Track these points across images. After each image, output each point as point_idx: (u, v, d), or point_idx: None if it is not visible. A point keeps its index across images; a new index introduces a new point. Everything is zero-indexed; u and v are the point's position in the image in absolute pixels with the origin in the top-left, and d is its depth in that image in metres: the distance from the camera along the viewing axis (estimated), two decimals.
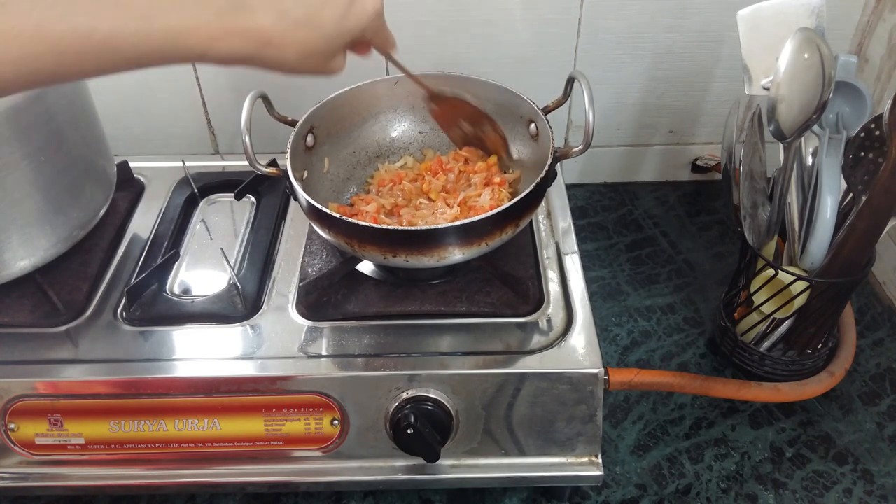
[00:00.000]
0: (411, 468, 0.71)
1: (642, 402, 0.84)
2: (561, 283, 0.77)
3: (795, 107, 0.69)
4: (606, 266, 1.02)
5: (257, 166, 0.70)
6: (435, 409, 0.67)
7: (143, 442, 0.69)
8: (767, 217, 0.79)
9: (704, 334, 0.92)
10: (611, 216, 1.11)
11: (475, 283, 0.76)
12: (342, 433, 0.69)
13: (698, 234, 1.08)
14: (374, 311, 0.74)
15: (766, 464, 0.78)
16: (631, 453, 0.80)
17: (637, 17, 0.99)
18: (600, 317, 0.94)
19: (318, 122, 0.81)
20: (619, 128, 1.11)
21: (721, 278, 1.00)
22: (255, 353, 0.70)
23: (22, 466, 0.71)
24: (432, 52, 1.01)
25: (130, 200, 0.90)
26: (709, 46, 1.02)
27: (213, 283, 0.78)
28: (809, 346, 0.82)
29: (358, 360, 0.69)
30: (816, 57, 0.67)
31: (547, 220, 0.86)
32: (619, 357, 0.90)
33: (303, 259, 0.80)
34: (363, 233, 0.68)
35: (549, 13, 0.98)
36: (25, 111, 0.67)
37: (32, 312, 0.74)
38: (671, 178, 1.18)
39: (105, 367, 0.69)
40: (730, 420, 0.83)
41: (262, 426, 0.69)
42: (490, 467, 0.71)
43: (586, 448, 0.70)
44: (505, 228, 0.70)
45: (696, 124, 1.12)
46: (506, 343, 0.71)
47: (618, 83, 1.06)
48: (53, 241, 0.74)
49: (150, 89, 1.04)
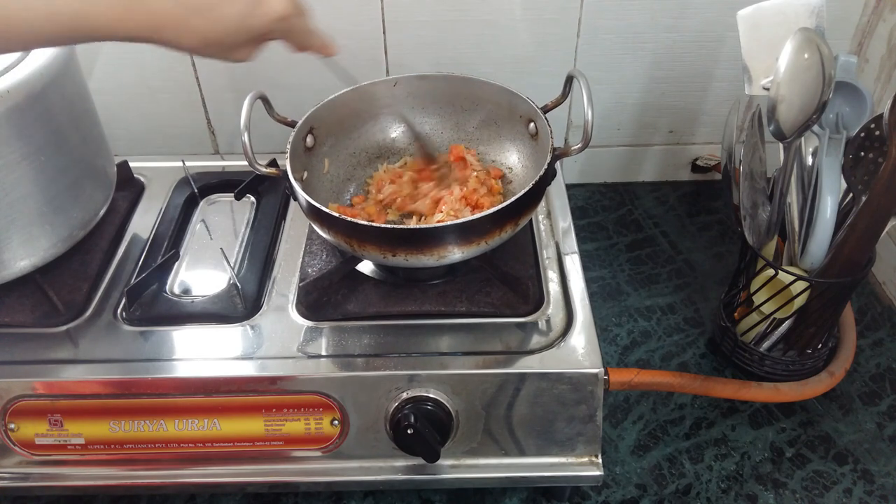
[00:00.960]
0: (411, 468, 0.71)
1: (642, 402, 0.84)
2: (561, 282, 0.77)
3: (795, 107, 0.69)
4: (606, 266, 1.02)
5: (257, 167, 0.70)
6: (435, 409, 0.67)
7: (143, 442, 0.69)
8: (767, 217, 0.79)
9: (704, 334, 0.92)
10: (611, 216, 1.11)
11: (475, 283, 0.76)
12: (342, 433, 0.69)
13: (698, 234, 1.08)
14: (374, 311, 0.74)
15: (766, 464, 0.78)
16: (631, 453, 0.80)
17: (637, 17, 0.99)
18: (600, 317, 0.94)
19: (318, 123, 0.81)
20: (619, 128, 1.11)
21: (721, 278, 1.00)
22: (255, 353, 0.70)
23: (22, 466, 0.71)
24: (432, 52, 1.01)
25: (130, 200, 0.90)
26: (709, 46, 1.02)
27: (213, 283, 0.78)
28: (809, 346, 0.82)
29: (358, 360, 0.69)
30: (816, 57, 0.67)
31: (547, 220, 0.86)
32: (619, 357, 0.90)
33: (303, 259, 0.80)
34: (362, 232, 0.68)
35: (549, 13, 0.98)
36: (25, 111, 0.67)
37: (32, 312, 0.74)
38: (671, 178, 1.18)
39: (105, 367, 0.69)
40: (730, 420, 0.83)
41: (262, 426, 0.69)
42: (490, 467, 0.71)
43: (586, 448, 0.70)
44: (504, 227, 0.70)
45: (695, 124, 1.11)
46: (506, 343, 0.71)
47: (618, 83, 1.06)
48: (53, 241, 0.74)
49: (151, 89, 1.03)
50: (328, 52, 0.67)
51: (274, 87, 0.79)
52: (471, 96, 0.86)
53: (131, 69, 1.01)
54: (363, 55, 1.00)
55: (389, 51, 1.01)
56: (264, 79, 0.91)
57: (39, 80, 0.68)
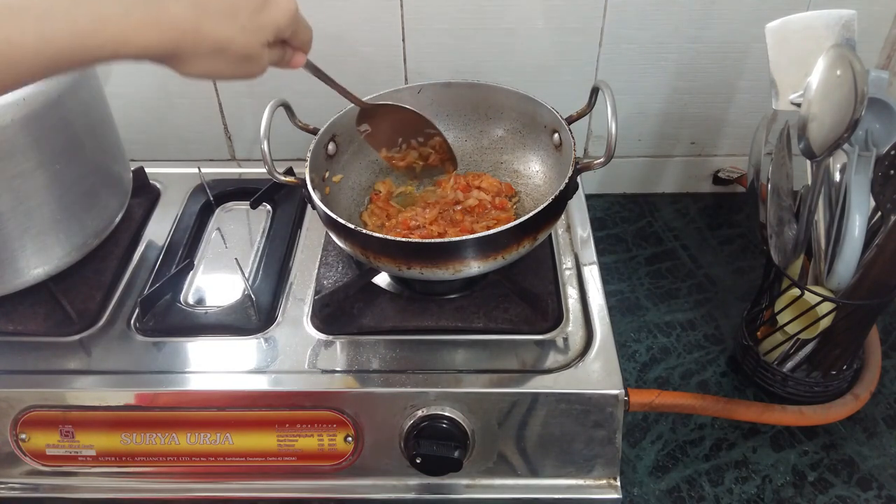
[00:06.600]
0: (426, 487, 0.70)
1: (661, 422, 0.83)
2: (580, 298, 0.76)
3: (826, 125, 0.67)
4: (625, 279, 1.01)
5: (276, 175, 0.69)
6: (450, 427, 0.66)
7: (155, 455, 0.69)
8: (794, 235, 0.77)
9: (725, 352, 0.91)
10: (630, 228, 1.10)
11: (493, 298, 0.75)
12: (356, 450, 0.68)
13: (719, 247, 1.06)
14: (391, 326, 0.73)
15: (787, 488, 0.77)
16: (649, 474, 0.78)
17: (660, 28, 0.97)
18: (619, 332, 0.92)
19: (341, 131, 0.80)
20: (640, 138, 1.10)
21: (742, 294, 0.98)
22: (269, 366, 0.69)
23: (33, 477, 0.70)
24: (451, 60, 1.00)
25: (146, 207, 0.89)
26: (733, 58, 1.01)
27: (228, 294, 0.77)
28: (834, 368, 0.80)
29: (373, 375, 0.68)
30: (849, 73, 0.65)
31: (566, 233, 0.85)
32: (637, 374, 0.88)
33: (318, 270, 0.79)
34: (378, 244, 0.67)
35: (571, 22, 0.97)
36: (42, 119, 0.66)
37: (45, 321, 0.74)
38: (692, 190, 1.16)
39: (117, 379, 0.69)
40: (751, 442, 0.81)
41: (274, 441, 0.68)
42: (505, 488, 0.69)
43: (604, 470, 0.69)
44: (522, 242, 0.68)
45: (718, 136, 1.10)
46: (523, 361, 0.69)
47: (639, 93, 1.05)
48: (68, 249, 0.74)
49: (168, 94, 1.03)
50: (309, 49, 0.63)
51: (293, 93, 0.78)
52: (495, 105, 0.85)
53: (149, 72, 0.99)
54: (382, 62, 0.99)
55: (408, 58, 1.00)
56: (282, 85, 0.90)
57: (56, 86, 0.68)
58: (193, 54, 0.50)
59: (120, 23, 0.45)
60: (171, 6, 0.47)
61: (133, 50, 0.47)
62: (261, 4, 0.52)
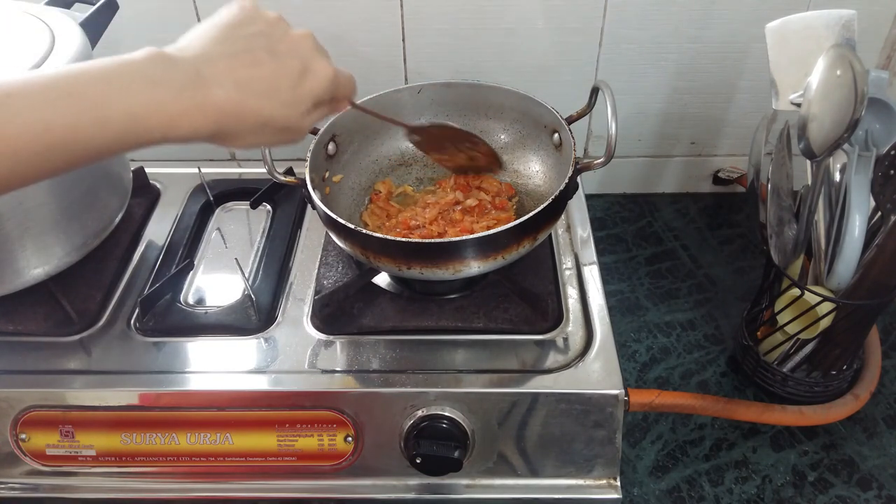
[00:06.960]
0: (426, 487, 0.69)
1: (661, 422, 0.83)
2: (580, 298, 0.76)
3: (827, 125, 0.67)
4: (625, 279, 1.01)
5: (276, 175, 0.69)
6: (450, 427, 0.66)
7: (155, 455, 0.69)
8: (794, 235, 0.77)
9: (725, 352, 0.91)
10: (630, 228, 1.10)
11: (493, 297, 0.75)
12: (356, 450, 0.68)
13: (719, 247, 1.06)
14: (391, 326, 0.73)
15: (787, 488, 0.77)
16: (649, 474, 0.78)
17: (660, 28, 0.97)
18: (618, 332, 0.92)
19: (341, 131, 0.80)
20: (640, 138, 1.10)
21: (742, 294, 0.98)
22: (269, 366, 0.69)
23: (33, 477, 0.70)
24: (452, 60, 1.00)
25: (146, 207, 0.89)
26: (733, 58, 1.00)
27: (228, 294, 0.77)
28: (834, 368, 0.80)
29: (373, 375, 0.68)
30: (849, 74, 0.65)
31: (566, 233, 0.85)
32: (637, 374, 0.88)
33: (318, 270, 0.79)
34: (378, 244, 0.67)
35: (571, 22, 0.97)
36: None
37: (45, 321, 0.74)
38: (692, 190, 1.16)
39: (117, 379, 0.69)
40: (751, 441, 0.81)
41: (274, 441, 0.68)
42: (505, 488, 0.69)
43: (604, 470, 0.69)
44: (522, 242, 0.68)
45: (718, 136, 1.10)
46: (524, 361, 0.69)
47: (639, 93, 1.04)
48: (68, 249, 0.73)
49: None
50: (355, 92, 0.64)
51: None
52: (495, 105, 0.85)
53: None
54: (382, 62, 0.99)
55: (408, 58, 1.00)
56: None
57: None
58: (237, 133, 0.50)
59: (169, 108, 0.46)
60: (215, 90, 0.48)
61: (182, 133, 0.47)
62: (298, 78, 0.52)
